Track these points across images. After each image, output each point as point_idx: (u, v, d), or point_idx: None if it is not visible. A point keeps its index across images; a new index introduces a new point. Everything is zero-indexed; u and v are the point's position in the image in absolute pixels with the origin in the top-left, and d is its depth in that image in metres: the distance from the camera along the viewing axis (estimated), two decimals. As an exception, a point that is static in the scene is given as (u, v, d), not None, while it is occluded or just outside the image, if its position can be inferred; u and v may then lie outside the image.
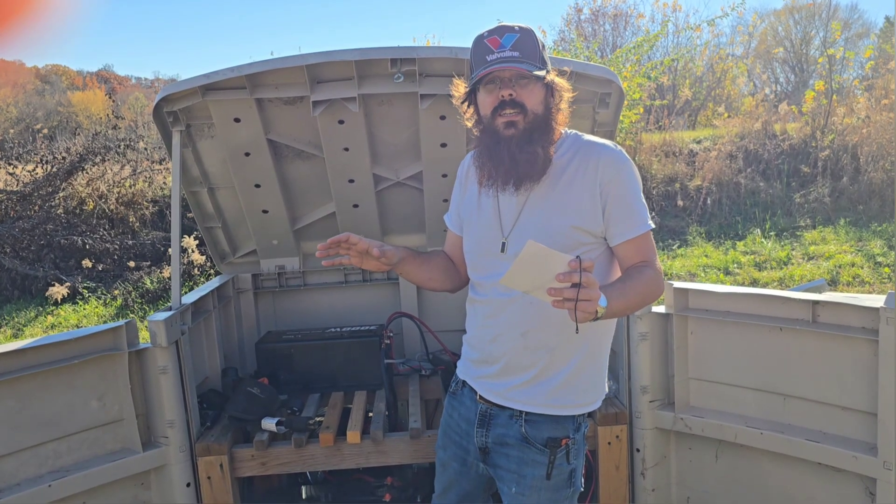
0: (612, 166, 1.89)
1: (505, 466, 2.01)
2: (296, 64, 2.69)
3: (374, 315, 3.56)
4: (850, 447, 2.38)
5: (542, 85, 1.89)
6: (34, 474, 2.45)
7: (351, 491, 3.10)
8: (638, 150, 10.65)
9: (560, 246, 1.86)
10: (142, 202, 10.07)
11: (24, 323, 7.61)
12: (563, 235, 1.88)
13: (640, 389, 2.75)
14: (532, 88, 1.87)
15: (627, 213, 1.90)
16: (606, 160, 1.89)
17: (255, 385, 2.91)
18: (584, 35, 18.35)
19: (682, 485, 2.86)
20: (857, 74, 15.65)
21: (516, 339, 1.96)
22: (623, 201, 1.89)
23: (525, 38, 1.87)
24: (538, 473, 1.95)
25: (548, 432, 1.95)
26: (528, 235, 1.90)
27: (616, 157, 1.90)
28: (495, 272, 1.95)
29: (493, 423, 2.02)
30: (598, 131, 3.01)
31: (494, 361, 2.01)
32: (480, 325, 2.06)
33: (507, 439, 1.99)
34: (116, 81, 46.13)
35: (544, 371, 1.95)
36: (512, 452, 1.99)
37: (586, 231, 1.89)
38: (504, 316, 1.98)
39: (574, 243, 1.88)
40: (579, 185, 1.89)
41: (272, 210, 3.28)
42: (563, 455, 1.96)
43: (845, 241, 8.21)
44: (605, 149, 1.92)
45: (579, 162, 1.90)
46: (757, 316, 2.58)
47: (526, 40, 1.87)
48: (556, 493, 1.97)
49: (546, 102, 1.90)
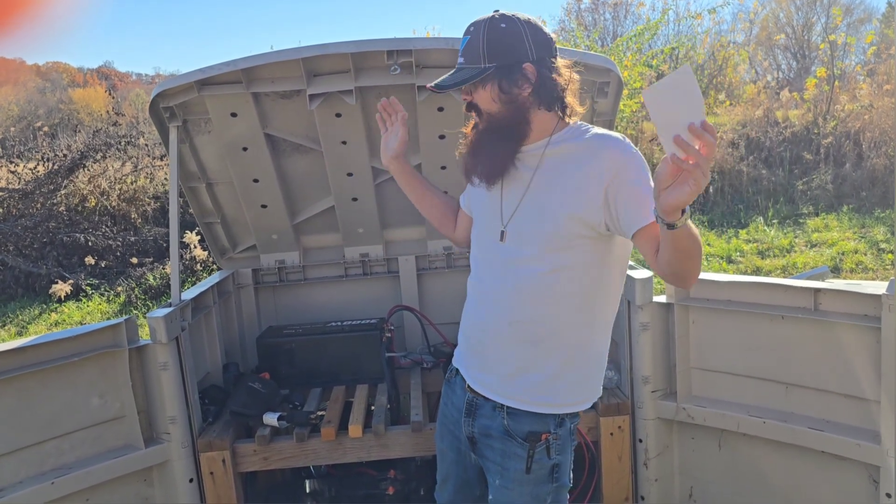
0: (619, 159, 1.83)
1: (490, 458, 2.00)
2: (291, 57, 2.67)
3: (374, 308, 3.56)
4: (853, 435, 2.37)
5: (492, 82, 1.84)
6: (37, 472, 2.46)
7: (354, 484, 3.10)
8: (639, 139, 10.62)
9: (554, 235, 1.86)
10: (143, 198, 10.08)
11: (28, 321, 7.63)
12: (557, 224, 1.85)
13: (641, 380, 2.75)
14: (480, 91, 1.87)
15: (635, 205, 1.79)
16: (614, 152, 1.83)
17: (256, 380, 2.91)
18: (584, 24, 18.31)
19: (685, 475, 2.85)
20: (859, 60, 15.58)
21: (503, 329, 1.94)
22: (631, 194, 1.80)
23: (472, 38, 1.86)
24: (519, 467, 1.93)
25: (528, 426, 1.93)
26: (525, 224, 1.90)
27: (624, 149, 1.85)
28: (494, 260, 1.97)
29: (479, 414, 2.02)
30: (597, 120, 2.99)
31: (481, 351, 2.01)
32: (472, 311, 2.06)
33: (491, 431, 1.98)
34: (117, 78, 46.18)
35: (526, 366, 1.92)
36: (495, 444, 1.98)
37: (584, 222, 1.84)
38: (494, 304, 1.97)
39: (568, 233, 1.85)
40: (582, 176, 1.84)
41: (271, 205, 3.27)
42: (543, 450, 1.93)
43: (848, 227, 8.18)
44: (613, 141, 1.87)
45: (584, 153, 1.86)
46: (759, 304, 2.57)
47: (473, 41, 1.85)
48: (537, 487, 1.95)
49: (503, 97, 1.85)
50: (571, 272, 1.88)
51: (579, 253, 1.87)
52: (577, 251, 1.87)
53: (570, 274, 1.88)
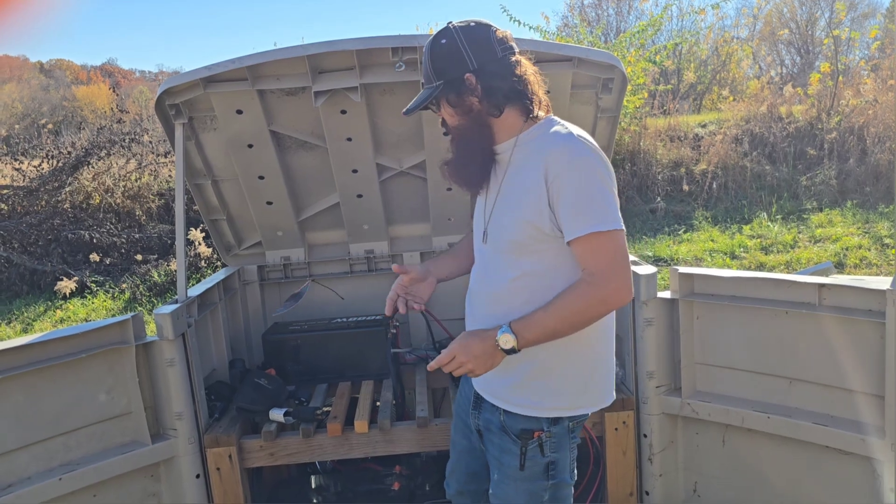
0: (560, 160, 1.76)
1: (491, 452, 2.03)
2: (297, 54, 2.68)
3: (379, 305, 3.53)
4: (857, 430, 2.37)
5: (444, 99, 1.87)
6: (45, 468, 2.47)
7: (359, 480, 3.11)
8: (643, 135, 10.59)
9: (515, 241, 1.87)
10: (148, 195, 10.09)
11: (34, 318, 7.65)
12: (517, 230, 1.85)
13: (646, 375, 2.75)
14: (443, 108, 1.91)
15: (572, 213, 1.76)
16: (556, 153, 1.78)
17: (262, 376, 2.92)
18: (587, 20, 18.26)
19: (690, 469, 2.86)
20: (863, 55, 15.50)
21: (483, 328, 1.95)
22: (567, 199, 1.75)
23: (424, 60, 1.89)
24: (513, 463, 1.94)
25: (521, 424, 1.93)
26: (496, 228, 1.93)
27: (569, 150, 1.77)
28: (480, 260, 2.04)
29: (483, 408, 2.05)
30: (601, 117, 3.00)
31: None
32: (468, 310, 2.10)
33: (491, 426, 2.01)
34: (120, 75, 46.21)
35: (502, 368, 1.88)
36: (494, 440, 2.00)
37: (536, 227, 1.81)
38: (476, 303, 2.02)
39: (527, 239, 1.84)
40: (528, 179, 1.81)
41: (276, 201, 3.28)
42: (536, 447, 1.92)
43: (852, 223, 8.17)
44: (559, 140, 1.80)
45: (533, 153, 1.83)
46: (763, 300, 2.57)
47: (424, 62, 1.89)
48: (531, 483, 1.95)
49: (459, 110, 1.87)
50: (542, 279, 1.85)
51: (546, 257, 1.85)
52: (543, 255, 1.85)
53: (540, 280, 1.85)
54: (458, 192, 3.19)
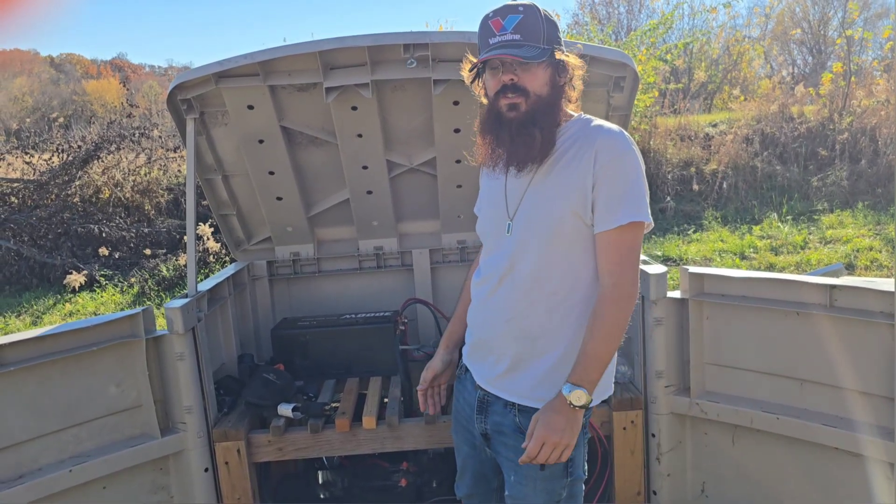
0: (612, 151, 1.82)
1: (504, 454, 2.01)
2: (309, 50, 2.69)
3: (388, 301, 3.57)
4: (867, 432, 2.36)
5: (547, 66, 1.85)
6: (55, 459, 2.49)
7: (367, 476, 3.12)
8: (653, 134, 10.57)
9: (559, 232, 1.86)
10: (157, 190, 10.14)
11: (43, 311, 7.70)
12: (562, 222, 1.85)
13: (655, 374, 2.75)
14: (535, 72, 1.85)
15: (607, 204, 1.81)
16: (608, 144, 1.82)
17: (271, 371, 2.93)
18: (598, 18, 18.21)
19: (698, 470, 2.85)
20: (875, 55, 15.40)
21: (501, 325, 1.95)
22: (606, 190, 1.81)
23: (528, 17, 1.83)
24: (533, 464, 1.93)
25: None
26: (531, 218, 1.90)
27: (620, 143, 1.83)
28: (500, 252, 1.97)
29: (491, 411, 2.02)
30: (612, 115, 2.99)
31: (484, 347, 2.02)
32: (477, 307, 2.07)
33: (503, 428, 1.99)
34: (130, 70, 46.37)
35: (525, 359, 1.92)
36: (509, 441, 1.98)
37: (580, 217, 1.85)
38: (493, 300, 1.98)
39: (572, 230, 1.85)
40: (577, 170, 1.83)
41: (286, 197, 3.29)
42: None
43: (863, 224, 8.13)
44: (611, 133, 1.85)
45: (581, 145, 1.85)
46: (773, 300, 2.56)
47: (529, 20, 1.83)
48: (552, 482, 1.95)
49: (552, 82, 1.87)
50: (568, 269, 1.88)
51: (578, 249, 1.87)
52: (576, 247, 1.87)
53: (567, 271, 1.88)
54: (467, 189, 3.19)
